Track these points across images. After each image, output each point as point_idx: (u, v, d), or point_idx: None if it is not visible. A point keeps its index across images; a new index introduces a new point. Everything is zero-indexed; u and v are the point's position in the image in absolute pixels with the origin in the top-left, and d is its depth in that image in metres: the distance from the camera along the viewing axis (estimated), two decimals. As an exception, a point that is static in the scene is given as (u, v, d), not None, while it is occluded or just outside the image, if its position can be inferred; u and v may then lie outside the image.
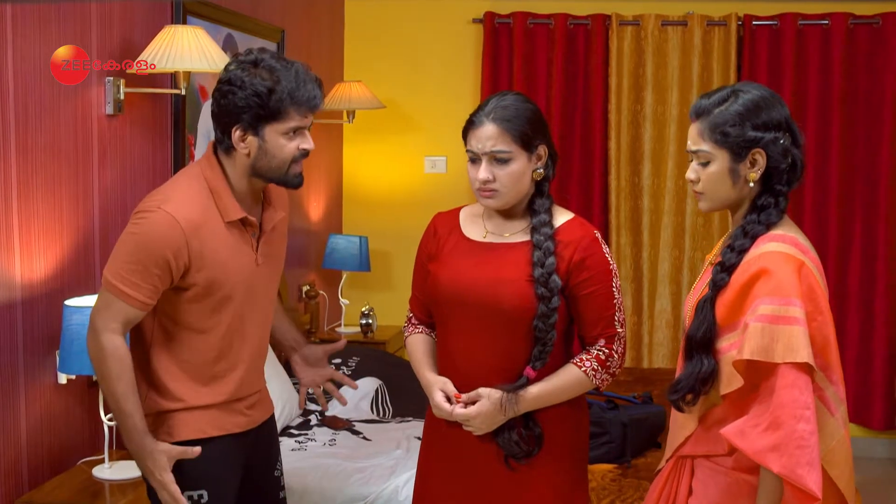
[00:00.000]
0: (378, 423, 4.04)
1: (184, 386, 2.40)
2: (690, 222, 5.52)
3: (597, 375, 2.36)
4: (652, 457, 3.55)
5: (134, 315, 2.32)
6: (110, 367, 2.30)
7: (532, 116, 2.36)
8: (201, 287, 2.34)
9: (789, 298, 2.02)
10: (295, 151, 2.36)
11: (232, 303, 2.40)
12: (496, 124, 2.32)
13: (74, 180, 3.14)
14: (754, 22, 5.38)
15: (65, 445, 3.12)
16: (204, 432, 2.42)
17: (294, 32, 4.92)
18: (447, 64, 5.74)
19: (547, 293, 2.31)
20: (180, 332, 2.39)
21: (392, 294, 5.79)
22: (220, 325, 2.40)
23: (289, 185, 2.43)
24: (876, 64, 5.30)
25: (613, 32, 5.47)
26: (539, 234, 2.36)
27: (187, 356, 2.40)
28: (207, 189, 2.36)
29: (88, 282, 3.21)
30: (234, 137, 2.33)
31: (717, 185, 2.17)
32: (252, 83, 2.28)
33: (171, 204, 2.31)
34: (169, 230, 2.28)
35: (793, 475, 1.96)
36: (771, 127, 2.13)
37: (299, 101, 2.32)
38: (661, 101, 5.50)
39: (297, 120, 2.33)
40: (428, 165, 5.79)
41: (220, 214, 2.36)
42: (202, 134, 3.95)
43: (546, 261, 2.32)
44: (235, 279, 2.39)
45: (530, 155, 2.35)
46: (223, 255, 2.36)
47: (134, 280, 2.28)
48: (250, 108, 2.29)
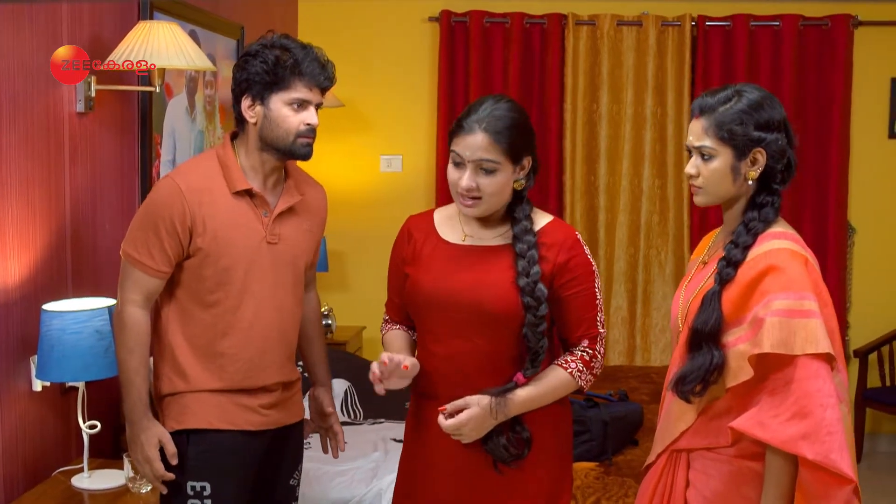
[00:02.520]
0: (351, 426, 4.00)
1: (190, 362, 2.47)
2: (646, 220, 5.58)
3: (582, 376, 2.34)
4: (631, 454, 3.58)
5: (153, 285, 2.45)
6: (126, 339, 2.44)
7: (523, 128, 2.32)
8: (204, 253, 2.43)
9: (802, 292, 2.07)
10: (300, 125, 2.45)
11: (235, 276, 2.46)
12: (487, 135, 2.25)
13: (47, 180, 3.03)
14: (707, 22, 5.47)
15: (40, 455, 3.01)
16: (210, 423, 2.46)
17: (252, 30, 4.83)
18: (403, 62, 5.70)
19: (533, 302, 2.28)
20: (191, 308, 2.48)
21: (350, 294, 5.75)
22: (225, 298, 2.47)
23: (296, 156, 2.51)
24: (825, 64, 5.43)
25: (569, 32, 5.50)
26: (522, 243, 2.32)
27: (195, 331, 2.48)
28: (218, 163, 2.50)
29: (62, 285, 3.11)
30: (243, 107, 2.46)
31: (717, 181, 2.20)
32: (263, 54, 2.43)
33: (177, 173, 2.51)
34: (170, 195, 2.43)
35: (827, 461, 2.00)
36: (772, 127, 2.18)
37: (304, 72, 2.43)
38: (617, 101, 5.55)
39: (301, 91, 2.44)
40: (384, 164, 5.75)
41: (226, 185, 2.47)
42: (167, 133, 3.86)
43: (531, 270, 2.29)
44: (238, 251, 2.46)
45: (516, 166, 2.32)
46: (225, 222, 2.45)
47: (148, 248, 2.42)
48: (259, 77, 2.42)
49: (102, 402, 3.27)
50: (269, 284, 2.51)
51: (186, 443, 2.45)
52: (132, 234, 2.47)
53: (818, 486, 2.03)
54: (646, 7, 5.53)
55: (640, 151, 5.57)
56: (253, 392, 2.51)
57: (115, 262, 3.44)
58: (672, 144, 5.52)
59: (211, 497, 2.44)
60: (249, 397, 2.50)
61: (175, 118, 3.92)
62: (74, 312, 2.78)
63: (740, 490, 2.17)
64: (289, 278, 2.56)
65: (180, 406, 2.46)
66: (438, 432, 2.33)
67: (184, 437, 2.45)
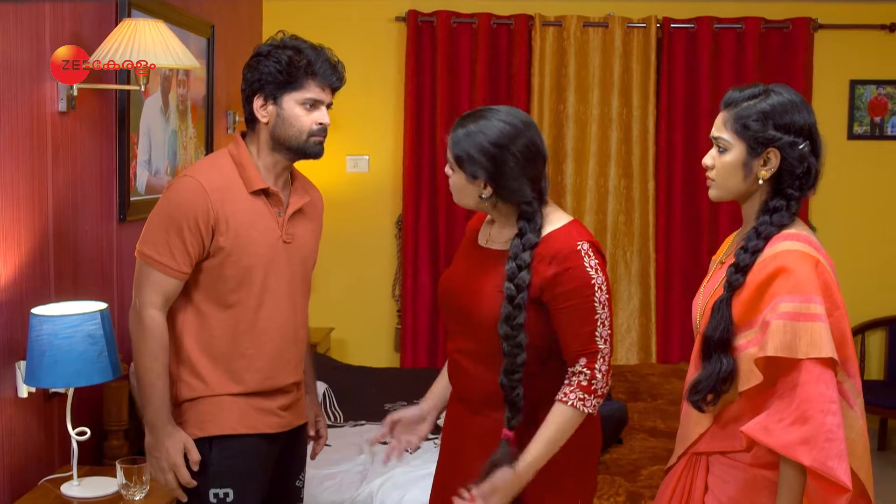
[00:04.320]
0: (332, 428, 3.96)
1: (209, 366, 2.44)
2: (612, 220, 5.63)
3: (585, 403, 2.22)
4: (617, 452, 3.60)
5: (172, 287, 2.42)
6: (149, 344, 2.40)
7: (484, 148, 2.22)
8: (226, 252, 2.42)
9: (809, 295, 2.06)
10: (312, 125, 2.48)
11: (256, 275, 2.46)
12: (450, 136, 2.28)
13: (31, 180, 2.95)
14: (672, 24, 5.53)
15: (25, 464, 2.93)
16: (234, 429, 2.44)
17: (222, 28, 4.77)
18: (369, 62, 5.67)
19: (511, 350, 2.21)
20: (208, 310, 2.46)
21: (317, 295, 5.65)
22: (247, 298, 2.46)
23: (308, 155, 2.53)
24: (786, 65, 5.54)
25: (536, 33, 5.52)
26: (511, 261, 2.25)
27: (214, 333, 2.46)
28: (232, 163, 2.49)
29: (45, 289, 3.03)
30: (255, 106, 2.46)
31: (728, 175, 2.20)
32: (277, 54, 2.44)
33: (195, 171, 2.48)
34: (194, 194, 2.41)
35: (823, 467, 1.99)
36: (792, 131, 2.16)
37: (317, 73, 2.45)
38: (583, 101, 5.58)
39: (314, 91, 2.45)
40: (350, 165, 5.72)
41: (244, 185, 2.46)
42: (143, 133, 3.78)
43: (516, 316, 2.21)
44: (258, 250, 2.46)
45: (468, 177, 2.26)
46: (245, 221, 2.44)
47: (169, 248, 2.39)
48: (272, 76, 2.43)
49: (85, 407, 3.19)
50: (286, 284, 2.53)
51: (209, 449, 2.43)
52: (150, 235, 2.43)
53: (820, 492, 2.03)
54: (612, 9, 5.58)
55: (607, 152, 5.61)
56: (271, 394, 2.52)
57: (94, 266, 3.39)
58: (637, 145, 5.57)
59: (233, 503, 2.41)
60: (268, 399, 2.51)
61: (150, 118, 3.85)
62: (66, 317, 2.70)
63: (755, 498, 2.16)
64: (301, 277, 2.59)
65: (201, 412, 2.43)
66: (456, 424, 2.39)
67: (206, 444, 2.43)
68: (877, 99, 5.64)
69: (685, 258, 5.64)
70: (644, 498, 3.18)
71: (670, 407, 4.22)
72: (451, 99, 5.58)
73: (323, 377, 4.44)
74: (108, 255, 3.52)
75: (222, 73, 4.78)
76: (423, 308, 5.68)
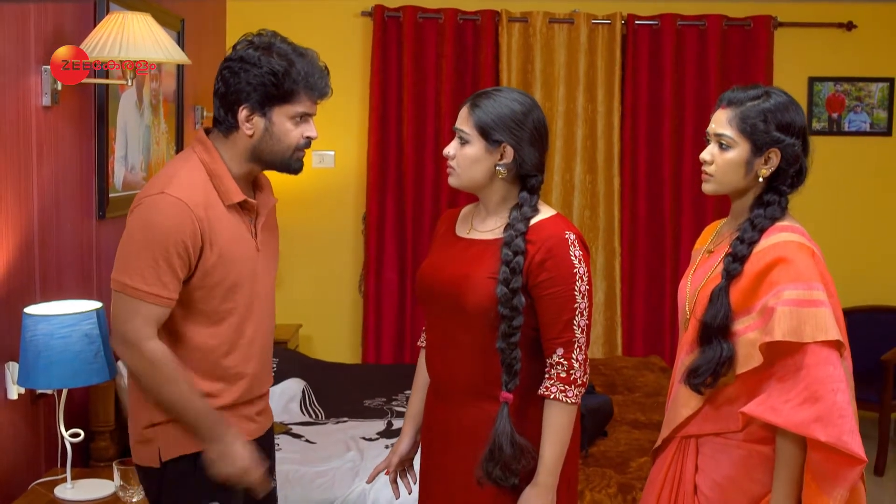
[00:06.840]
0: (314, 426, 3.94)
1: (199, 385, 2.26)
2: (577, 215, 5.67)
3: (567, 394, 2.25)
4: (604, 445, 3.63)
5: (163, 314, 2.20)
6: (165, 372, 2.19)
7: (507, 115, 2.29)
8: (213, 270, 2.24)
9: (811, 283, 2.15)
10: (300, 139, 2.31)
11: (241, 289, 2.31)
12: (467, 106, 2.31)
13: (16, 177, 2.89)
14: (637, 21, 5.59)
15: (15, 467, 2.86)
16: None
17: (189, 22, 4.70)
18: (335, 57, 5.51)
19: (508, 312, 2.24)
20: (189, 329, 2.27)
21: (283, 291, 5.63)
22: (232, 313, 2.30)
23: (290, 171, 2.36)
24: (747, 62, 5.63)
25: (503, 28, 5.54)
26: (507, 248, 2.28)
27: (198, 353, 2.28)
28: (206, 173, 2.27)
29: (30, 287, 2.96)
30: (239, 117, 2.26)
31: (730, 171, 2.27)
32: (269, 62, 2.23)
33: (173, 187, 2.20)
34: (179, 214, 2.18)
35: (839, 442, 2.07)
36: (791, 132, 2.26)
37: (312, 86, 2.29)
38: (549, 98, 5.61)
39: (306, 105, 2.29)
40: (316, 160, 5.67)
41: (219, 198, 2.27)
42: (120, 128, 3.71)
43: (511, 279, 2.25)
44: (241, 264, 2.30)
45: (490, 147, 2.29)
46: (228, 237, 2.27)
47: (158, 276, 2.16)
48: (263, 87, 2.23)
49: (71, 408, 3.12)
50: (263, 295, 2.40)
51: (194, 465, 2.29)
52: (133, 264, 2.17)
53: (829, 466, 2.11)
54: (577, 5, 5.62)
55: (572, 147, 5.65)
56: (251, 402, 2.42)
57: (76, 264, 3.32)
58: (602, 140, 5.62)
59: None
60: (248, 407, 2.41)
61: (127, 113, 3.78)
62: (62, 316, 2.64)
63: (751, 473, 2.24)
64: (272, 284, 2.47)
65: (180, 431, 2.27)
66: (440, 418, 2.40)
67: (191, 460, 2.29)
68: (834, 95, 5.76)
69: (649, 253, 5.71)
70: (635, 489, 3.22)
71: (647, 399, 4.27)
72: (417, 94, 5.57)
73: (298, 374, 4.41)
74: (87, 253, 3.45)
75: (191, 68, 4.71)
76: (390, 304, 5.66)
